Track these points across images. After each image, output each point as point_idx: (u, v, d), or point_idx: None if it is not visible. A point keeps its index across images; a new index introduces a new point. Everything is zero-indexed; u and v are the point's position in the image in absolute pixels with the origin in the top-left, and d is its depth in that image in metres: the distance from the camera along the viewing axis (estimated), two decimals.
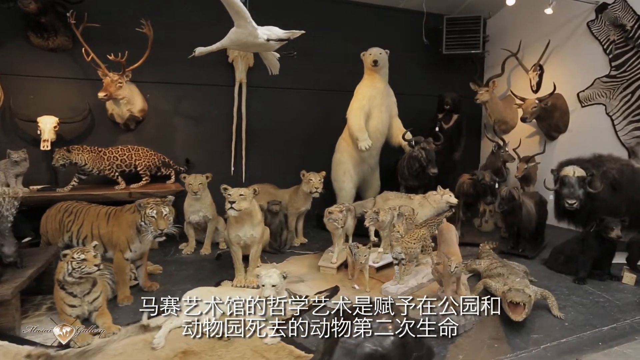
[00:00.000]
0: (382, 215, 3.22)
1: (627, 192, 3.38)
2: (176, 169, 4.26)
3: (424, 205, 3.87)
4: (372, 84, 4.34)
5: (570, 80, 4.71)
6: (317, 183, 3.69)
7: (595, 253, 3.03)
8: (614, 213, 3.33)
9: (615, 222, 2.91)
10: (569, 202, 3.29)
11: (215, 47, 2.87)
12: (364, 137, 4.12)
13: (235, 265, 3.02)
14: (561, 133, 4.83)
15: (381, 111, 4.35)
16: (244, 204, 2.73)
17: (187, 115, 4.47)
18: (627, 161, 3.53)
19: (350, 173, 4.49)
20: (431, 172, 3.99)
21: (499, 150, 4.46)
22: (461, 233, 4.20)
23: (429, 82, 5.55)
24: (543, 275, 3.18)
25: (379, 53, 4.23)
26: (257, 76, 4.70)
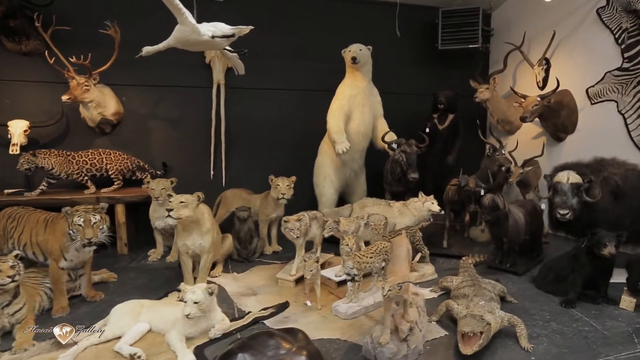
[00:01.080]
0: (344, 225, 2.96)
1: (631, 201, 2.93)
2: (152, 172, 4.18)
3: (404, 213, 3.57)
4: (353, 83, 4.08)
5: (579, 75, 4.24)
6: (285, 189, 3.47)
7: (587, 272, 2.63)
8: (615, 225, 2.91)
9: (609, 237, 2.50)
10: (561, 212, 2.89)
11: (162, 46, 2.73)
12: (342, 139, 3.87)
13: (185, 276, 2.86)
14: (569, 134, 4.35)
15: (363, 112, 4.07)
16: (185, 211, 2.56)
17: (164, 118, 4.39)
18: (633, 166, 3.06)
19: (331, 178, 4.25)
20: (411, 177, 3.68)
21: (494, 153, 4.05)
22: (448, 244, 3.87)
23: (425, 80, 5.20)
24: (527, 296, 2.80)
25: (359, 49, 3.97)
26: (237, 77, 4.50)
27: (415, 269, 3.09)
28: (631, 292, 2.59)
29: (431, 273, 3.16)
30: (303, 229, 3.02)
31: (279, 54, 4.65)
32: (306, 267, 2.51)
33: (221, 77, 4.36)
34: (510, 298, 2.69)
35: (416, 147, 3.75)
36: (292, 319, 2.46)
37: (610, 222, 2.93)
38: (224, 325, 2.24)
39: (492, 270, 3.30)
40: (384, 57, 5.01)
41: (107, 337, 2.12)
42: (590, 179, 2.94)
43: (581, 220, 2.98)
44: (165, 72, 4.25)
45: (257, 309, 2.58)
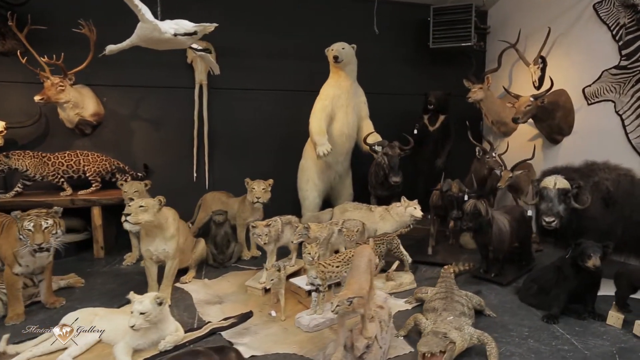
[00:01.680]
0: (315, 231, 2.82)
1: (624, 208, 2.74)
2: (133, 174, 4.11)
3: (386, 219, 3.42)
4: (336, 83, 3.94)
5: (576, 74, 4.03)
6: (260, 192, 3.35)
7: (571, 285, 2.44)
8: (606, 234, 2.73)
9: (594, 248, 2.32)
10: (546, 220, 2.71)
11: (125, 45, 2.64)
12: (322, 141, 3.73)
13: (148, 282, 2.76)
14: (565, 136, 4.14)
15: (347, 112, 3.93)
16: (144, 216, 2.46)
17: (146, 119, 4.32)
18: (626, 170, 2.86)
19: (314, 181, 4.11)
20: (392, 180, 3.52)
21: (484, 156, 3.87)
22: (434, 250, 3.70)
23: (417, 80, 5.03)
24: (508, 309, 2.62)
25: (342, 48, 3.83)
26: (220, 77, 4.41)
27: (392, 278, 2.94)
28: (619, 307, 2.40)
29: (410, 282, 3.00)
30: (273, 235, 2.90)
31: (263, 53, 4.55)
32: (267, 276, 2.37)
33: (203, 78, 4.27)
34: (488, 312, 2.52)
35: (400, 150, 3.59)
36: (252, 330, 2.34)
37: (600, 230, 2.75)
38: (176, 337, 2.13)
39: (477, 280, 3.13)
40: (373, 56, 4.88)
41: (50, 349, 2.02)
42: (579, 184, 2.75)
43: (569, 229, 2.80)
44: (146, 73, 4.18)
45: (219, 318, 2.47)
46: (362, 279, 1.93)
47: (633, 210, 2.71)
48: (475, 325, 2.18)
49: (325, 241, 2.88)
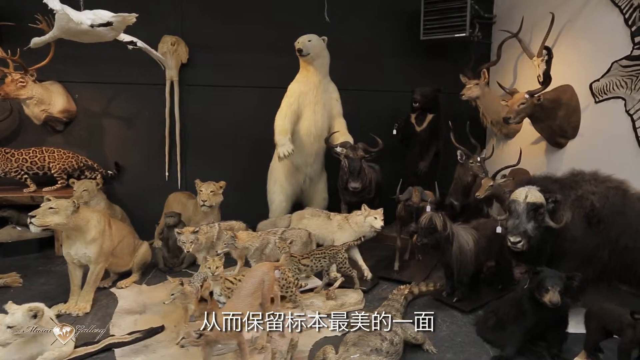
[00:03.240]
0: (245, 240, 2.56)
1: (611, 229, 2.23)
2: (102, 172, 4.06)
3: (344, 228, 3.09)
4: (304, 79, 3.65)
5: (583, 67, 3.45)
6: (206, 195, 3.14)
7: (530, 321, 2.00)
8: (589, 260, 2.26)
9: (554, 279, 1.87)
10: (511, 240, 2.26)
11: (48, 37, 2.52)
12: (283, 141, 3.45)
13: (71, 286, 2.62)
14: (569, 139, 3.57)
15: (315, 110, 3.63)
16: (53, 219, 2.31)
17: (118, 116, 4.25)
18: (617, 183, 2.34)
19: (281, 183, 3.84)
20: (350, 186, 3.18)
21: (467, 161, 3.41)
22: (404, 266, 3.31)
23: (409, 76, 4.58)
24: (456, 344, 2.22)
25: (307, 40, 3.52)
26: (193, 73, 4.31)
27: (332, 297, 2.61)
28: (588, 353, 1.93)
29: (356, 302, 2.66)
30: (204, 242, 2.67)
31: (239, 48, 4.33)
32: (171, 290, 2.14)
33: (174, 74, 4.13)
34: (428, 347, 2.13)
35: (363, 152, 3.23)
36: (151, 348, 2.13)
37: (582, 255, 2.27)
38: (58, 353, 1.95)
39: (438, 305, 2.72)
40: (360, 50, 4.52)
41: None
42: (556, 198, 2.28)
43: (543, 252, 2.33)
44: (119, 69, 4.10)
45: (129, 330, 2.28)
46: (241, 305, 1.64)
47: (622, 232, 2.20)
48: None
49: (258, 252, 2.61)
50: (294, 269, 2.52)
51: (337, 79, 4.34)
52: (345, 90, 4.45)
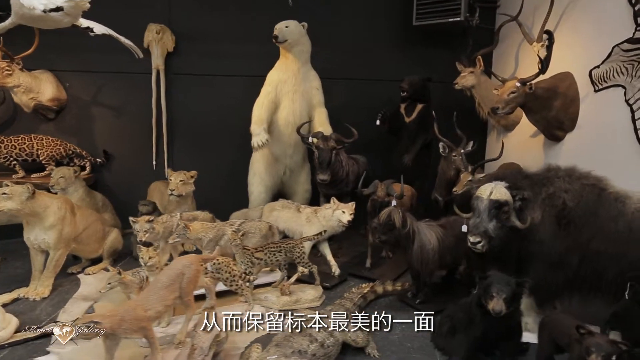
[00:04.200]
0: (198, 231, 2.51)
1: (582, 232, 2.00)
2: (91, 160, 4.14)
3: (312, 222, 3.00)
4: (283, 66, 3.54)
5: (583, 52, 3.14)
6: (174, 184, 3.11)
7: (478, 330, 1.83)
8: (557, 265, 2.05)
9: (500, 285, 1.69)
10: (470, 240, 2.08)
11: (8, 23, 2.53)
12: (257, 131, 3.37)
13: (32, 271, 2.67)
14: (567, 131, 3.26)
15: (293, 99, 3.51)
16: (7, 204, 2.35)
17: (108, 105, 4.30)
18: (595, 180, 2.09)
19: (261, 175, 3.77)
20: (318, 178, 3.05)
21: (450, 154, 3.20)
22: (371, 262, 3.17)
23: (403, 64, 4.36)
24: (404, 350, 2.08)
25: (284, 27, 3.40)
26: (180, 62, 4.29)
27: (287, 293, 2.51)
28: None
29: (312, 299, 2.55)
30: (163, 232, 2.64)
31: (227, 36, 4.26)
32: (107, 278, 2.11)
33: (160, 63, 4.12)
34: (371, 350, 2.01)
35: (336, 143, 3.09)
36: None
37: (550, 259, 2.06)
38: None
39: (401, 306, 2.57)
40: (349, 37, 4.34)
41: None
42: (524, 195, 2.07)
43: (509, 254, 2.14)
44: (108, 58, 4.13)
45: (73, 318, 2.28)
46: (152, 297, 1.58)
47: (593, 236, 1.96)
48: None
49: (212, 243, 2.55)
50: (247, 262, 2.44)
51: (326, 67, 4.21)
52: (334, 79, 4.32)
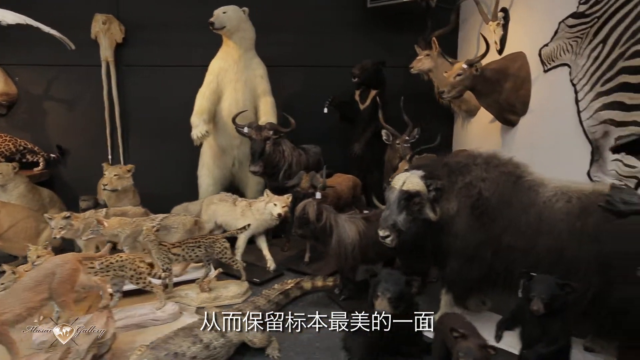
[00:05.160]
0: (114, 227, 2.42)
1: (494, 224, 1.85)
2: (44, 155, 4.08)
3: (246, 216, 2.89)
4: (224, 55, 3.41)
5: (536, 30, 2.93)
6: (107, 179, 3.03)
7: (374, 331, 1.70)
8: (471, 260, 1.92)
9: (387, 284, 1.57)
10: (380, 234, 1.95)
11: None
12: (197, 122, 3.26)
13: None
14: (520, 115, 3.08)
15: (236, 89, 3.38)
16: None
17: (59, 99, 4.21)
18: (513, 168, 1.92)
19: (209, 167, 3.67)
20: (250, 170, 2.93)
21: (394, 142, 3.04)
22: (309, 257, 3.05)
23: (361, 50, 4.16)
24: (313, 349, 1.98)
25: (222, 12, 3.26)
26: (130, 53, 4.17)
27: (206, 289, 2.42)
28: None
29: (234, 295, 2.45)
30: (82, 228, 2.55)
31: (179, 26, 4.12)
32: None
33: (109, 54, 4.01)
34: (271, 351, 1.90)
35: (269, 133, 2.96)
36: None
37: (464, 253, 1.92)
38: None
39: (327, 302, 2.46)
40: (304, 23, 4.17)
41: None
42: (438, 185, 1.92)
43: (423, 248, 2.00)
44: (55, 51, 3.98)
45: None
46: (11, 299, 1.50)
47: (506, 228, 1.81)
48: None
49: (130, 239, 2.46)
50: (164, 258, 2.35)
51: (279, 55, 4.07)
52: (288, 67, 4.18)
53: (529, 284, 1.41)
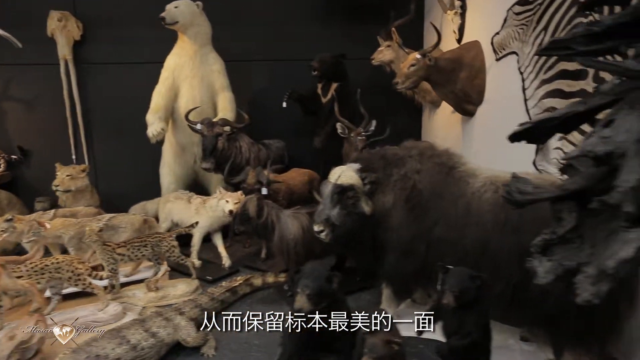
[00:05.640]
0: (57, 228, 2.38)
1: (426, 217, 1.83)
2: (5, 157, 4.01)
3: (200, 213, 2.85)
4: (180, 50, 3.36)
5: (493, 18, 2.89)
6: (59, 179, 2.98)
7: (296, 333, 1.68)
8: (407, 254, 1.91)
9: (307, 280, 1.54)
10: (314, 229, 1.93)
11: None
12: (152, 120, 3.22)
13: None
14: (477, 105, 3.05)
15: (192, 85, 3.33)
16: None
17: (19, 99, 4.13)
18: (446, 159, 1.90)
19: (170, 164, 3.62)
20: (201, 166, 2.89)
21: (349, 135, 3.01)
22: (266, 253, 3.02)
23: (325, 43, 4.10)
24: (249, 347, 1.95)
25: (174, 7, 3.19)
26: (90, 51, 4.09)
27: (152, 288, 2.39)
28: None
29: (182, 294, 2.42)
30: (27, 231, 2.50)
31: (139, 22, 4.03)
32: None
33: (67, 52, 3.93)
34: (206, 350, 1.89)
35: (221, 129, 2.91)
36: None
37: (400, 247, 1.90)
38: None
39: (277, 298, 2.44)
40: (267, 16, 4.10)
41: None
42: (372, 178, 1.90)
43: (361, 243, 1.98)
44: (11, 50, 3.93)
45: None
46: None
47: (436, 221, 1.79)
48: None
49: (75, 240, 2.42)
50: (108, 258, 2.31)
51: (243, 49, 4.02)
52: (252, 61, 4.13)
53: (444, 277, 1.39)
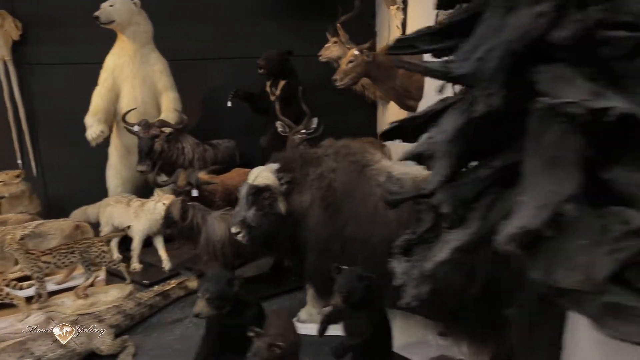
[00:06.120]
0: None
1: (339, 216, 1.83)
2: None
3: (139, 216, 2.80)
4: (119, 50, 3.28)
5: (429, 12, 2.89)
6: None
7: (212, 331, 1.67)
8: (323, 253, 1.89)
9: (208, 284, 1.54)
10: (232, 230, 1.91)
11: None
12: (90, 122, 3.16)
13: None
14: (418, 100, 3.07)
15: (133, 86, 3.26)
16: None
17: None
18: (360, 156, 1.90)
19: (116, 167, 3.55)
20: (137, 169, 2.85)
21: (290, 133, 3.00)
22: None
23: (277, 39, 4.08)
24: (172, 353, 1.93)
25: (109, 6, 3.11)
26: (31, 51, 3.95)
27: (80, 296, 2.34)
28: None
29: (113, 300, 2.38)
30: None
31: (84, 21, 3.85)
32: None
33: (5, 53, 3.78)
34: (124, 357, 1.85)
35: (158, 130, 2.86)
36: None
37: (317, 247, 1.90)
38: None
39: None
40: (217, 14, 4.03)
41: None
42: (288, 178, 1.88)
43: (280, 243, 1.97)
44: None
45: None
46: None
47: (348, 220, 1.79)
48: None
49: None
50: (32, 267, 2.25)
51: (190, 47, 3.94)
52: (199, 60, 4.06)
53: (338, 278, 1.40)
